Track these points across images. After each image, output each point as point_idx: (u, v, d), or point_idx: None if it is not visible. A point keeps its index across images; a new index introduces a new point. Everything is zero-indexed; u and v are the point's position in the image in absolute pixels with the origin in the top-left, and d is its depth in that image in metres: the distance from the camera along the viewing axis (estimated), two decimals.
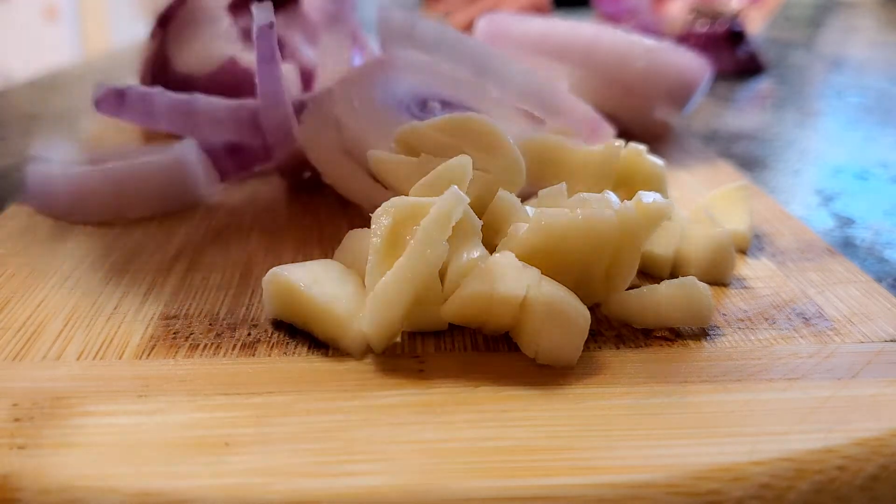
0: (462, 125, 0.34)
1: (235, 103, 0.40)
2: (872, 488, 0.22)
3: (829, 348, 0.28)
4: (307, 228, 0.39)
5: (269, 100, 0.37)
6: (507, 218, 0.31)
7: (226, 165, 0.41)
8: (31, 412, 0.24)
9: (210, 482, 0.21)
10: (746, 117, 0.70)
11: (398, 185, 0.33)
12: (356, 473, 0.21)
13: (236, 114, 0.40)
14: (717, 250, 0.33)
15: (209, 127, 0.40)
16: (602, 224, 0.28)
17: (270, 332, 0.29)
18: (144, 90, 0.39)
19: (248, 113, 0.40)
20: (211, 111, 0.39)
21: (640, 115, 0.52)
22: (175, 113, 0.39)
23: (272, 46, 0.36)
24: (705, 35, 0.86)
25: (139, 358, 0.27)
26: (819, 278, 0.34)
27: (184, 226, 0.39)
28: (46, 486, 0.21)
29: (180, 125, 0.39)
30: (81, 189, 0.39)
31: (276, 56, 0.36)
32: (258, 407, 0.24)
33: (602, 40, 0.48)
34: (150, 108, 0.39)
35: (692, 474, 0.22)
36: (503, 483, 0.21)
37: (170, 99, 0.39)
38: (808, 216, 0.46)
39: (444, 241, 0.26)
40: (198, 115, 0.39)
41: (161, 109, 0.39)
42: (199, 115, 0.39)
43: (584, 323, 0.26)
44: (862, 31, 1.30)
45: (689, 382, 0.26)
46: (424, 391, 0.25)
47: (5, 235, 0.37)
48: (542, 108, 0.42)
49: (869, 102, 0.77)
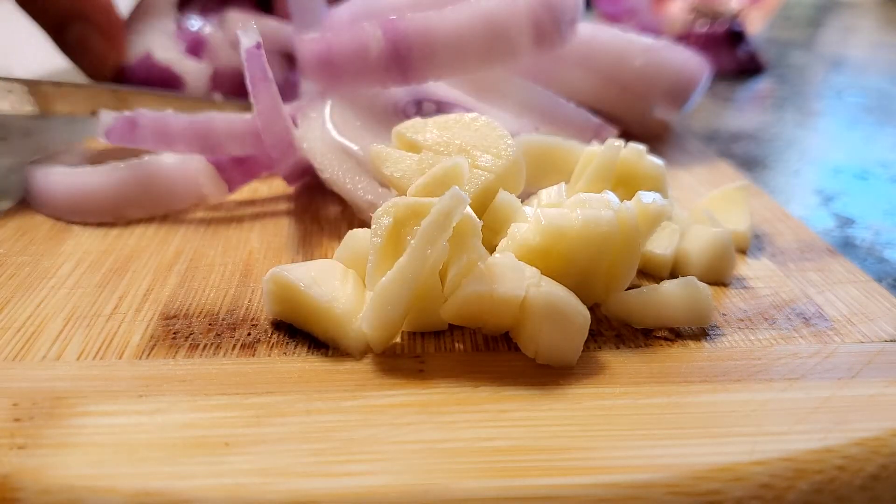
0: (462, 124, 0.34)
1: (250, 116, 0.40)
2: (872, 488, 0.22)
3: (829, 348, 0.28)
4: (307, 228, 0.39)
5: (266, 116, 0.37)
6: (507, 218, 0.31)
7: (233, 175, 0.41)
8: (31, 412, 0.24)
9: (210, 482, 0.21)
10: (746, 117, 0.70)
11: (396, 181, 0.32)
12: (356, 473, 0.21)
13: (254, 126, 0.40)
14: (717, 250, 0.33)
15: (229, 143, 0.40)
16: (602, 224, 0.28)
17: (270, 332, 0.29)
18: (156, 114, 0.39)
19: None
20: (229, 128, 0.39)
21: (638, 114, 0.52)
22: (192, 134, 0.39)
23: (262, 66, 0.37)
24: (705, 35, 0.86)
25: (139, 358, 0.27)
26: (819, 278, 0.34)
27: (184, 226, 0.39)
28: (46, 486, 0.21)
29: (199, 146, 0.39)
30: (81, 189, 0.39)
31: (267, 75, 0.37)
32: (258, 407, 0.24)
33: (600, 39, 0.48)
34: (164, 131, 0.39)
35: (692, 474, 0.22)
36: (503, 483, 0.21)
37: (185, 121, 0.39)
38: (808, 216, 0.46)
39: (444, 242, 0.26)
40: (217, 134, 0.39)
41: (177, 131, 0.39)
42: (218, 133, 0.39)
43: (583, 323, 0.26)
44: (862, 31, 1.30)
45: (689, 382, 0.26)
46: (424, 391, 0.25)
47: (5, 235, 0.37)
48: (544, 119, 0.42)
49: (869, 102, 0.77)
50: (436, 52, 0.38)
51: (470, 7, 0.38)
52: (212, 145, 0.39)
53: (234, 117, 0.40)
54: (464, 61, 0.39)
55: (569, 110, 0.43)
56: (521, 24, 0.38)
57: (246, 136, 0.40)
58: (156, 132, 0.39)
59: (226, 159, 0.41)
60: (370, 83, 0.40)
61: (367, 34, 0.38)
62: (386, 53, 0.38)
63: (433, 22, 0.38)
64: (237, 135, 0.40)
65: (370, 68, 0.39)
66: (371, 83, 0.40)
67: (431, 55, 0.38)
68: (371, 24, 0.38)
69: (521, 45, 0.39)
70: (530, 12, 0.38)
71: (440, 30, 0.38)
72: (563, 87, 0.48)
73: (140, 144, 0.39)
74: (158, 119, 0.39)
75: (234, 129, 0.39)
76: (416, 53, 0.38)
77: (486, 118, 0.34)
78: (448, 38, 0.38)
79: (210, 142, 0.39)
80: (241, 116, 0.40)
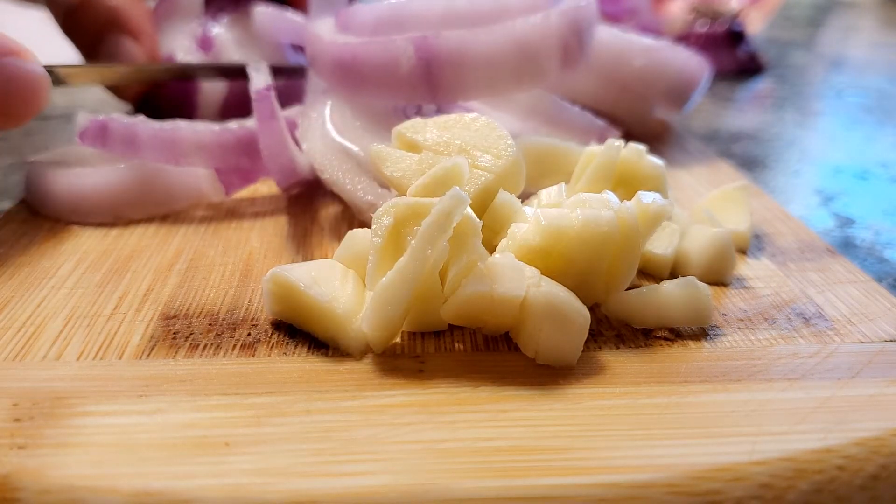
0: (462, 125, 0.34)
1: (219, 128, 0.40)
2: (872, 488, 0.22)
3: (829, 348, 0.28)
4: (307, 228, 0.39)
5: (271, 150, 0.38)
6: (507, 218, 0.31)
7: (231, 179, 0.42)
8: (31, 412, 0.24)
9: (210, 482, 0.21)
10: (746, 117, 0.70)
11: (396, 181, 0.32)
12: (356, 473, 0.21)
13: (221, 138, 0.40)
14: (717, 250, 0.33)
15: (195, 154, 0.40)
16: (602, 224, 0.28)
17: (270, 332, 0.29)
18: (126, 121, 0.39)
19: (232, 137, 0.40)
20: (195, 138, 0.40)
21: (638, 114, 0.52)
22: (158, 142, 0.39)
23: (271, 107, 0.37)
24: (705, 35, 0.86)
25: (139, 358, 0.27)
26: (819, 278, 0.34)
27: (184, 226, 0.39)
28: (46, 486, 0.21)
29: (165, 154, 0.39)
30: (81, 189, 0.39)
31: (275, 114, 0.37)
32: (258, 407, 0.24)
33: (600, 39, 0.48)
34: (133, 138, 0.39)
35: (692, 474, 0.22)
36: (503, 483, 0.21)
37: (152, 129, 0.39)
38: (808, 216, 0.46)
39: (445, 242, 0.26)
40: (183, 143, 0.39)
41: (144, 139, 0.39)
42: (183, 142, 0.39)
43: (583, 323, 0.26)
44: (862, 31, 1.30)
45: (689, 382, 0.26)
46: (424, 391, 0.25)
47: (5, 235, 0.37)
48: (548, 122, 0.42)
49: (869, 102, 0.77)
50: (467, 74, 0.38)
51: (503, 29, 0.38)
52: (177, 155, 0.40)
53: (202, 127, 0.40)
54: (494, 83, 0.39)
55: (572, 113, 0.43)
56: (552, 47, 0.39)
57: (212, 149, 0.40)
58: (124, 138, 0.39)
59: (241, 166, 0.41)
60: (395, 97, 0.40)
61: (398, 48, 0.38)
62: (417, 71, 0.38)
63: (467, 43, 0.38)
64: (204, 146, 0.40)
65: (398, 83, 0.39)
66: (397, 97, 0.40)
67: (463, 76, 0.38)
68: (403, 39, 0.38)
69: (550, 67, 0.39)
70: (560, 35, 0.39)
71: (473, 51, 0.38)
72: (564, 88, 0.48)
73: (110, 149, 0.39)
74: (128, 126, 0.39)
75: (200, 140, 0.40)
76: (448, 73, 0.38)
77: (486, 118, 0.34)
78: (480, 59, 0.38)
79: (176, 151, 0.39)
80: (210, 127, 0.40)
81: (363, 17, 0.41)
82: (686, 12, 0.92)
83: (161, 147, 0.39)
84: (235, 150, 0.40)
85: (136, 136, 0.39)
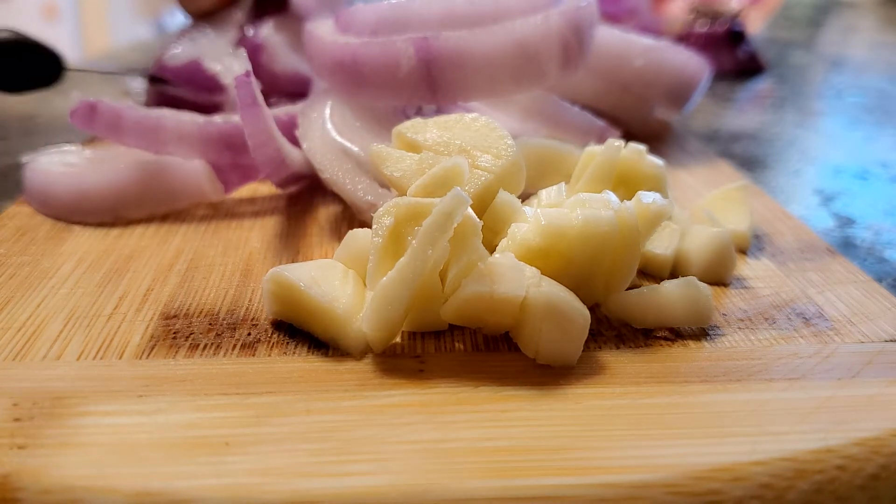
0: (462, 125, 0.34)
1: (203, 120, 0.40)
2: (872, 488, 0.22)
3: (830, 348, 0.28)
4: (307, 228, 0.39)
5: (256, 139, 0.37)
6: (507, 218, 0.31)
7: (230, 177, 0.41)
8: (31, 412, 0.24)
9: (210, 482, 0.21)
10: (746, 117, 0.70)
11: (396, 181, 0.32)
12: (356, 473, 0.21)
13: (204, 131, 0.40)
14: (717, 250, 0.33)
15: (176, 144, 0.39)
16: (602, 224, 0.28)
17: (270, 332, 0.29)
18: (115, 105, 0.39)
19: (216, 131, 0.40)
20: (178, 128, 0.39)
21: (639, 114, 0.52)
22: (142, 129, 0.39)
23: (251, 93, 0.37)
24: (705, 35, 0.86)
25: (139, 358, 0.27)
26: (819, 278, 0.34)
27: (184, 226, 0.39)
28: (46, 486, 0.21)
29: (147, 142, 0.39)
30: (81, 189, 0.39)
31: (256, 100, 0.37)
32: (258, 407, 0.24)
33: (600, 39, 0.48)
34: (117, 122, 0.39)
35: (692, 474, 0.22)
36: (503, 483, 0.21)
37: (137, 114, 0.39)
38: (808, 216, 0.46)
39: (445, 242, 0.26)
40: (165, 132, 0.39)
41: (128, 124, 0.39)
42: (166, 131, 0.39)
43: (583, 323, 0.26)
44: (862, 31, 1.30)
45: (689, 382, 0.26)
46: (424, 391, 0.25)
47: (5, 235, 0.37)
48: (548, 123, 0.42)
49: (869, 102, 0.77)
50: (467, 74, 0.38)
51: (503, 30, 0.38)
52: (159, 144, 0.39)
53: (186, 118, 0.40)
54: (494, 84, 0.39)
55: (573, 114, 0.43)
56: (552, 48, 0.38)
57: (194, 141, 0.40)
58: (110, 122, 0.39)
59: (223, 162, 0.41)
60: (396, 98, 0.40)
61: (398, 50, 0.38)
62: (417, 71, 0.38)
63: (467, 44, 0.38)
64: (184, 137, 0.39)
65: (399, 84, 0.39)
66: (397, 98, 0.40)
67: (463, 77, 0.38)
68: (404, 40, 0.38)
69: (551, 69, 0.39)
70: (560, 35, 0.38)
71: (473, 52, 0.38)
72: (564, 89, 0.48)
73: (96, 132, 0.39)
74: (113, 109, 0.39)
75: (182, 131, 0.39)
76: (448, 75, 0.38)
77: (486, 118, 0.34)
78: (481, 60, 0.38)
79: (158, 140, 0.39)
80: (194, 119, 0.40)
81: (363, 17, 0.41)
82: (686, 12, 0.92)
83: (143, 134, 0.39)
84: (218, 144, 0.40)
85: (121, 120, 0.39)
